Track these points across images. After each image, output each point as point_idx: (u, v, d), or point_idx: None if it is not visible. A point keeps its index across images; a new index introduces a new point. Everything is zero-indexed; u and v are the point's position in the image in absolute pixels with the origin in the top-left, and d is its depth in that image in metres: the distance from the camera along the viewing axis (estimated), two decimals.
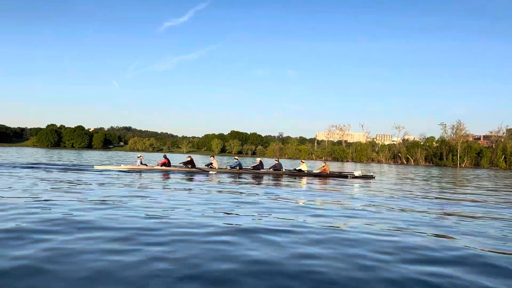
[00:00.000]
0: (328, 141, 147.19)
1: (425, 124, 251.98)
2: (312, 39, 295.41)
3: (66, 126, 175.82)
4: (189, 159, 23.54)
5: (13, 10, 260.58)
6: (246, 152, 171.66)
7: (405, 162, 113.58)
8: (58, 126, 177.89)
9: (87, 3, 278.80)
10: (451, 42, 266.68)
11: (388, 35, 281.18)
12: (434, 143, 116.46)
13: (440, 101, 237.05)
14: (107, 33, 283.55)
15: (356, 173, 23.22)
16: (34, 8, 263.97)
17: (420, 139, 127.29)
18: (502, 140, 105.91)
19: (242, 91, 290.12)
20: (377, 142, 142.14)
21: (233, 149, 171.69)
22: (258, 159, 24.79)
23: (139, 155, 23.61)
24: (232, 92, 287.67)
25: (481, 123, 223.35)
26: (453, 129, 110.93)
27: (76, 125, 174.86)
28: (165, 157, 23.72)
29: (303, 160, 25.78)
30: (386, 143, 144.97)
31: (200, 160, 46.54)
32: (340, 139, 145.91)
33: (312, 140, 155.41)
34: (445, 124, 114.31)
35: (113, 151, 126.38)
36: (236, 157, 25.33)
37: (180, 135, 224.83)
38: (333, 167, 46.71)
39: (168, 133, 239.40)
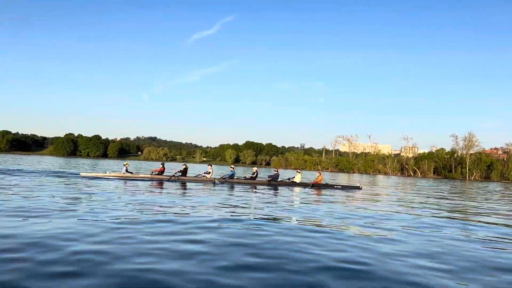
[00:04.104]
0: (334, 151, 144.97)
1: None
2: (340, 50, 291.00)
3: (89, 136, 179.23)
4: (184, 167, 22.59)
5: (45, 23, 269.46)
6: (260, 163, 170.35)
7: (412, 174, 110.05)
8: (76, 135, 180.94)
9: (119, 17, 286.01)
10: (483, 53, 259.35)
11: (417, 47, 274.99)
12: (444, 155, 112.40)
13: (471, 115, 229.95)
14: (138, 45, 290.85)
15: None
16: (65, 21, 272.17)
17: (430, 150, 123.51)
18: None
19: (268, 102, 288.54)
20: (402, 154, 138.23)
21: (247, 160, 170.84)
22: (254, 169, 23.65)
23: (125, 163, 22.74)
24: (257, 103, 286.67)
25: None
26: (464, 141, 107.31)
27: (89, 134, 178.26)
28: (162, 165, 22.91)
29: (298, 170, 24.53)
30: (410, 155, 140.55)
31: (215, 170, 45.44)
32: (363, 150, 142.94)
33: (336, 152, 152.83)
34: (457, 136, 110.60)
35: (124, 160, 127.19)
36: (232, 166, 24.29)
37: (204, 146, 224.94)
38: (335, 178, 44.98)
39: (192, 143, 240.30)
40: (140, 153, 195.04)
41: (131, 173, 21.81)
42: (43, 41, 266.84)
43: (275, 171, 23.16)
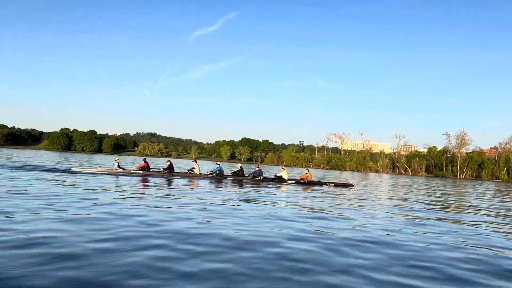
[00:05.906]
0: (332, 148, 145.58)
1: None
2: (343, 48, 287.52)
3: (92, 131, 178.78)
4: (168, 163, 22.80)
5: (44, 18, 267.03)
6: (256, 160, 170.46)
7: (403, 172, 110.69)
8: (71, 130, 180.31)
9: (120, 13, 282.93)
10: (489, 51, 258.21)
11: (419, 44, 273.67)
12: (436, 153, 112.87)
13: (474, 114, 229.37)
14: (140, 42, 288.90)
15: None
16: (65, 15, 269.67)
17: (423, 148, 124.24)
18: (509, 150, 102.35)
19: (270, 100, 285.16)
20: (401, 152, 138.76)
21: (243, 156, 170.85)
22: (239, 165, 24.01)
23: (116, 159, 22.91)
24: (260, 101, 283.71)
25: None
26: (457, 139, 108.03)
27: (88, 129, 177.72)
28: (144, 160, 22.98)
29: (284, 167, 24.95)
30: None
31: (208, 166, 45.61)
32: (364, 148, 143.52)
33: (331, 149, 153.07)
34: (449, 134, 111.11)
35: (118, 155, 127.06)
36: (218, 163, 24.61)
37: (204, 142, 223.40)
38: (326, 176, 45.34)
39: (192, 140, 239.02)
40: (136, 148, 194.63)
41: (123, 168, 22.04)
42: (42, 36, 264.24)
43: (256, 167, 23.52)
